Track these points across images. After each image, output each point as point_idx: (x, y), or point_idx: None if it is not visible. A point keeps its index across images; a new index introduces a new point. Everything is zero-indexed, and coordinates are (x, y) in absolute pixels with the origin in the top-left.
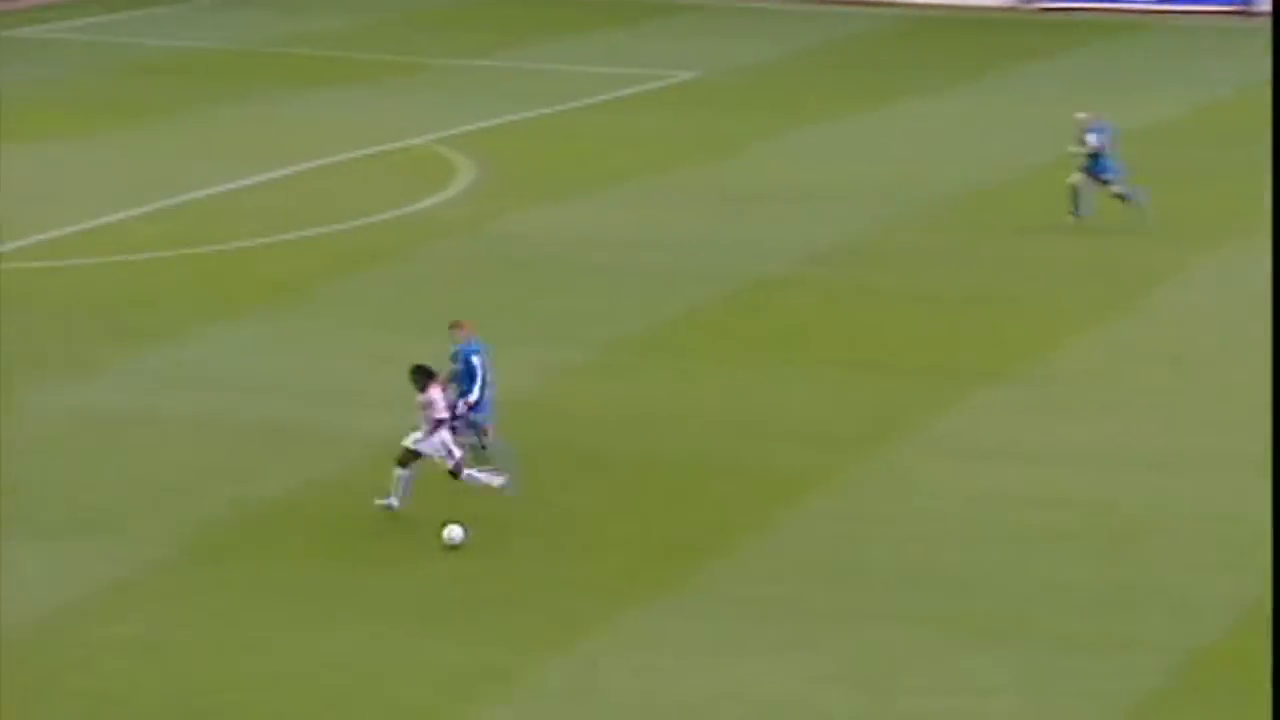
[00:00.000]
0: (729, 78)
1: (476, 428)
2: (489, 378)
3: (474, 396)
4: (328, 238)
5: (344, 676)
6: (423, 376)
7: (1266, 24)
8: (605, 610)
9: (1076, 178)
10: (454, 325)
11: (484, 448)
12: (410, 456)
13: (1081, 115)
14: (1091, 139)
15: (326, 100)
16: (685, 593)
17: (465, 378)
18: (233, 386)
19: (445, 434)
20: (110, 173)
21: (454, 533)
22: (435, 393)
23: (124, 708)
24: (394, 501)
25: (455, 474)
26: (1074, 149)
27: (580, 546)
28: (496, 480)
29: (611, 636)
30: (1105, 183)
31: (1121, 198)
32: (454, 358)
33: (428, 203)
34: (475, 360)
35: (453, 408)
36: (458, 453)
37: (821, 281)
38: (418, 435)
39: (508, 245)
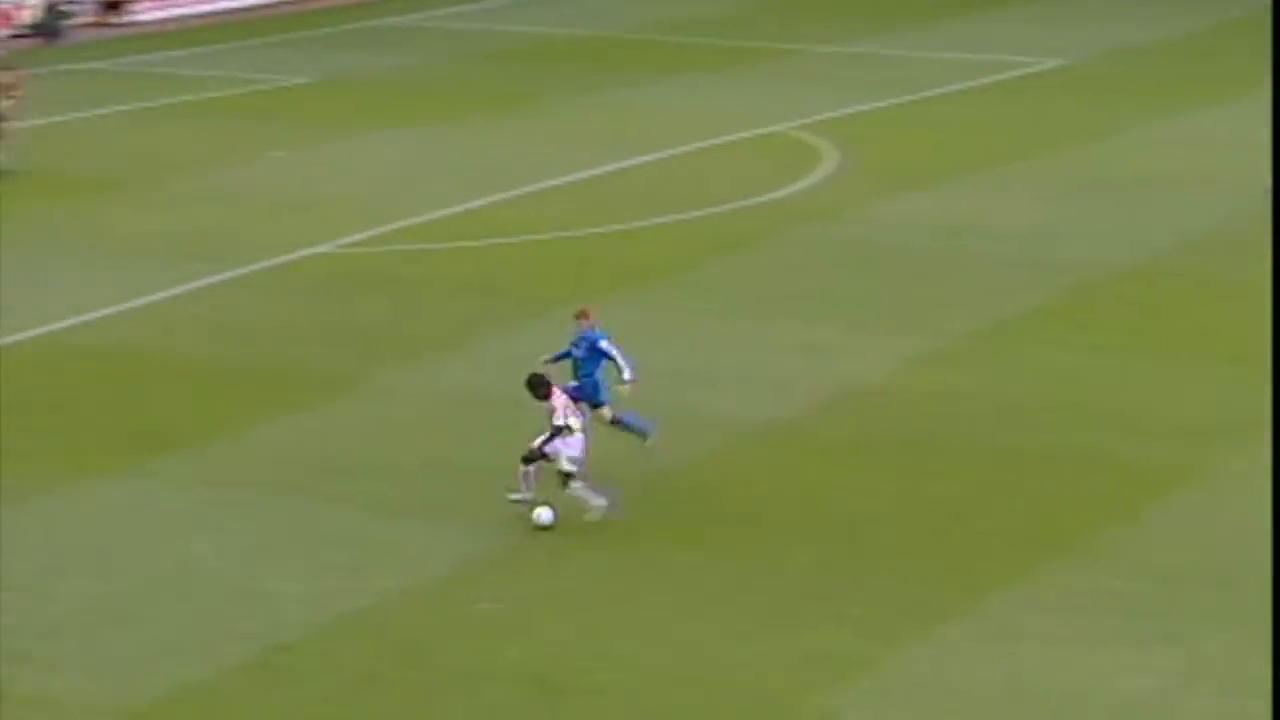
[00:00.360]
0: (1096, 64)
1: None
2: (622, 353)
3: (629, 375)
4: (691, 223)
5: (703, 662)
6: (542, 386)
7: None
8: (967, 601)
9: None
10: (579, 314)
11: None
12: (537, 456)
13: None
14: None
15: (690, 86)
16: (1047, 585)
17: (592, 363)
18: None
19: (562, 441)
20: (479, 158)
21: (544, 514)
22: (557, 399)
23: (487, 683)
24: (526, 496)
25: (566, 480)
26: None
27: (941, 536)
28: (597, 501)
29: (972, 627)
30: None
31: None
32: (576, 344)
33: (790, 189)
34: (604, 345)
35: (576, 398)
36: (574, 465)
37: (1190, 272)
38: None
39: (869, 232)
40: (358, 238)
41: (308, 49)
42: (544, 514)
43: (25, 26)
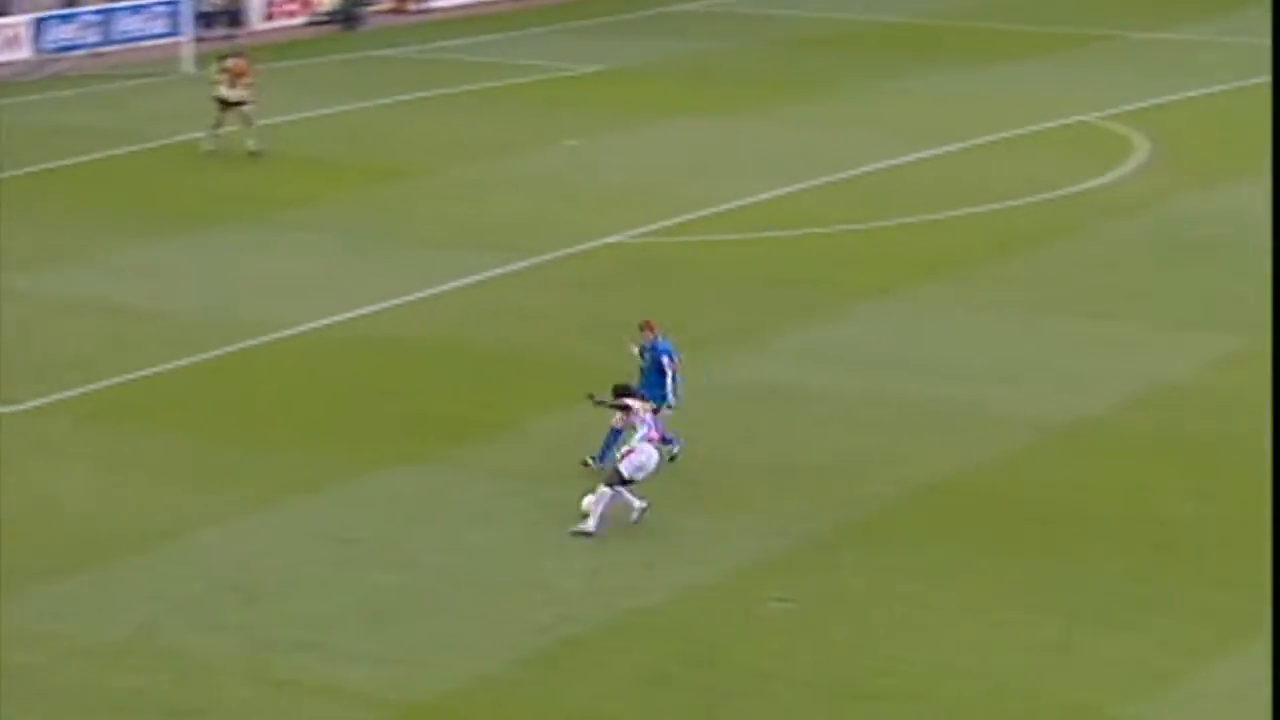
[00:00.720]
0: None
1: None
2: (679, 380)
3: (674, 400)
4: (995, 215)
5: (1000, 668)
6: (621, 394)
7: None
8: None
9: None
10: (644, 325)
11: (673, 459)
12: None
13: None
14: None
15: (998, 74)
16: None
17: (654, 377)
18: (894, 365)
19: (643, 453)
20: (772, 147)
21: (590, 500)
22: (637, 408)
23: (776, 685)
24: (639, 508)
25: (609, 479)
26: None
27: (1251, 543)
28: (637, 504)
29: None
30: None
31: None
32: (641, 355)
33: (1099, 181)
34: (665, 361)
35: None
36: (628, 476)
37: None
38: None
39: (1179, 226)
40: (649, 228)
41: (599, 36)
42: (590, 500)
43: (324, 13)
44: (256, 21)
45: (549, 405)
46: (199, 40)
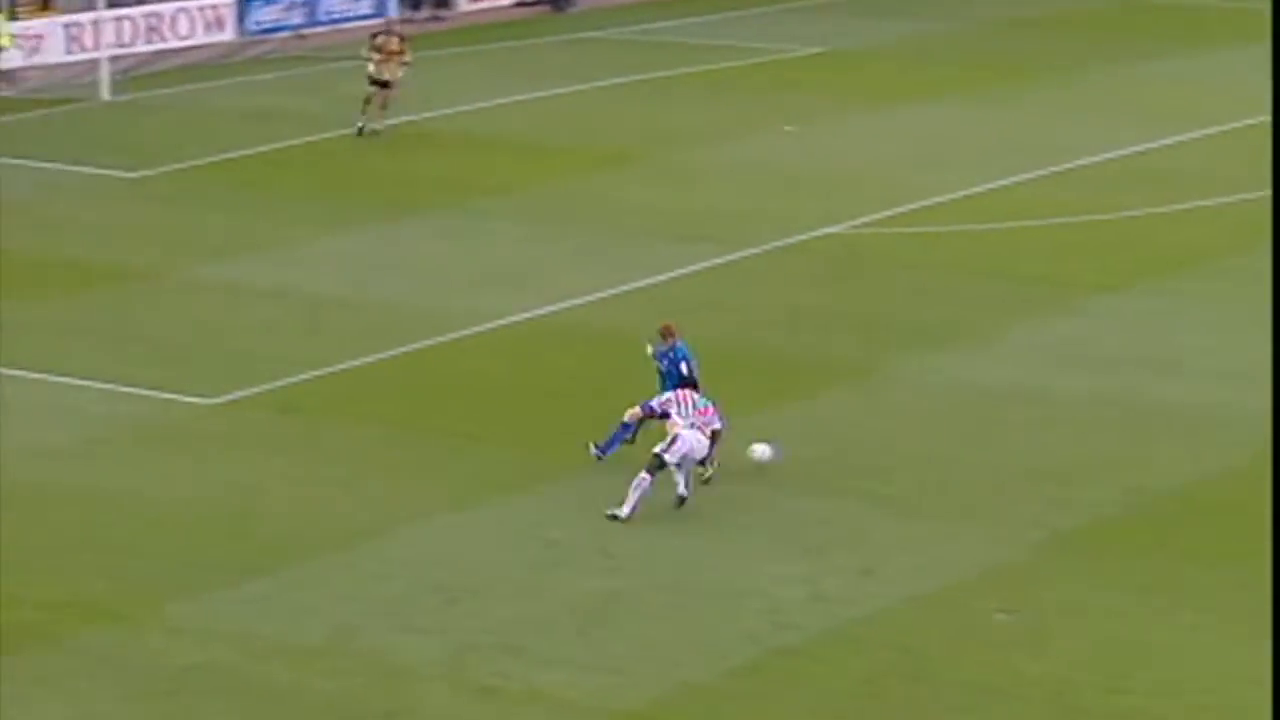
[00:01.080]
0: None
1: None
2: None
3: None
4: (1232, 207)
5: (1241, 689)
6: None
7: None
8: None
9: None
10: (663, 331)
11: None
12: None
13: None
14: None
15: (1228, 58)
16: None
17: (673, 379)
18: (1127, 364)
19: (686, 441)
20: (1000, 134)
21: (762, 451)
22: (671, 398)
23: (997, 698)
24: (619, 513)
25: (659, 462)
26: None
27: None
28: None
29: None
30: None
31: None
32: (659, 358)
33: None
34: (684, 368)
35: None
36: (671, 457)
37: None
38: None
39: None
40: (870, 218)
41: (820, 16)
42: (762, 450)
43: None
44: (464, 3)
45: (763, 403)
46: (405, 22)
